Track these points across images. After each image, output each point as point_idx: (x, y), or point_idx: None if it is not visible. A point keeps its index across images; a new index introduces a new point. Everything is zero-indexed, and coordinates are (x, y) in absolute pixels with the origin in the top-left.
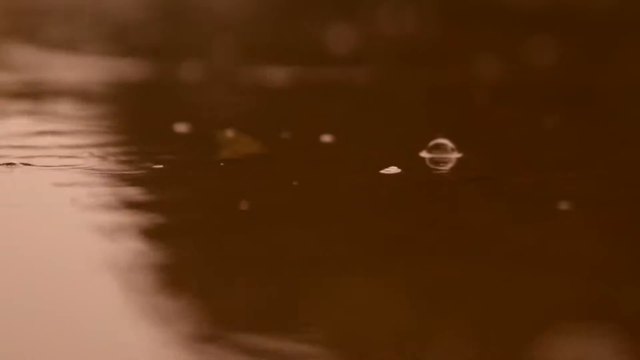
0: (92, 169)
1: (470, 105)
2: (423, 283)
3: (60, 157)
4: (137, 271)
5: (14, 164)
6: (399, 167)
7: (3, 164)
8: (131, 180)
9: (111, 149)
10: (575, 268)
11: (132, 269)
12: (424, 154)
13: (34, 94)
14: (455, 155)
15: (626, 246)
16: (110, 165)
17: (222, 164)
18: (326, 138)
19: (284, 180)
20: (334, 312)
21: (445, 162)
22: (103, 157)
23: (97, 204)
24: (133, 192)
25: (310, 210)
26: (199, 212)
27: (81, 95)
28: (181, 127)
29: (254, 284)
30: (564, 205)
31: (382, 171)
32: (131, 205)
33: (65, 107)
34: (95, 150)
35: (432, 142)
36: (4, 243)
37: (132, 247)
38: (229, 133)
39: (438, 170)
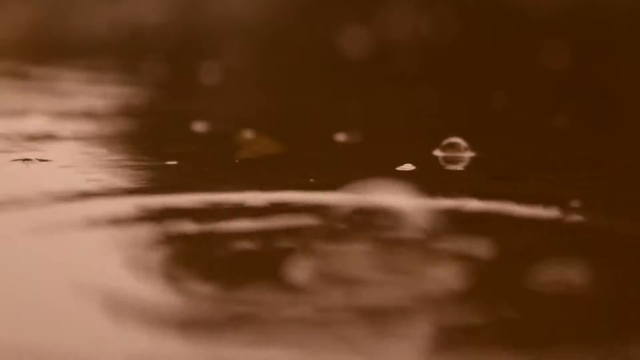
0: (109, 165)
1: (485, 105)
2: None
3: (77, 153)
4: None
5: (30, 159)
6: (413, 165)
7: (19, 160)
8: (145, 176)
9: (128, 146)
10: (587, 265)
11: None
12: (437, 153)
13: (49, 93)
14: (469, 154)
15: (637, 243)
16: (126, 162)
17: (237, 161)
18: (341, 137)
19: (300, 177)
20: None
21: (458, 161)
22: (120, 154)
23: (112, 198)
24: (146, 187)
25: None
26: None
27: (99, 94)
28: (199, 127)
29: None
30: (575, 204)
31: (398, 168)
32: (142, 199)
33: (82, 105)
34: (112, 147)
35: (445, 141)
36: (19, 237)
37: (142, 241)
38: (247, 134)
39: (452, 168)
